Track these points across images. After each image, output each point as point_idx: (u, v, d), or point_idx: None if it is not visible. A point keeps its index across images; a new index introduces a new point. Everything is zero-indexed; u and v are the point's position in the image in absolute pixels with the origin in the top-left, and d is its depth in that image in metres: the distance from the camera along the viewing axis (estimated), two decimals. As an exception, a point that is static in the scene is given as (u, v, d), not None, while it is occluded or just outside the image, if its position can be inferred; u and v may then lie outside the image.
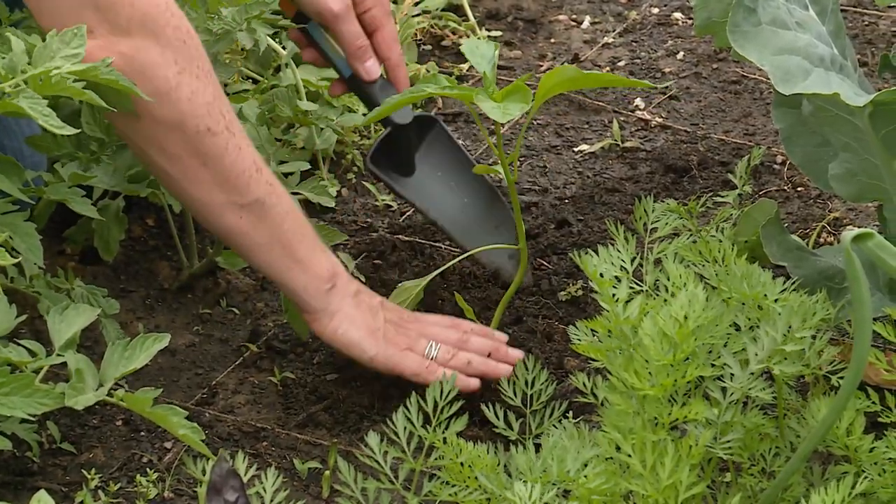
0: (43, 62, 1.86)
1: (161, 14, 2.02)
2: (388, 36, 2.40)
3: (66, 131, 1.84)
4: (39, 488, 2.03)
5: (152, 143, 2.08)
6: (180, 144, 2.07)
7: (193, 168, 2.09)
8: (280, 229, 2.16)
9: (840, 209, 2.72)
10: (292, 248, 2.17)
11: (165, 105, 2.03)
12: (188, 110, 2.05)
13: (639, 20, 3.48)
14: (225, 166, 2.09)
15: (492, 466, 1.79)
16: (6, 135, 2.40)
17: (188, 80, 2.04)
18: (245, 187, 2.12)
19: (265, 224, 2.14)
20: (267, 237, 2.15)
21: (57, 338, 1.99)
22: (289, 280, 2.19)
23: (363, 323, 2.21)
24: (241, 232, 2.15)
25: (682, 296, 1.73)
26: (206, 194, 2.11)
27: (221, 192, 2.11)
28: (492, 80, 2.11)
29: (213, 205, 2.12)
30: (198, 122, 2.06)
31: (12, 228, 2.06)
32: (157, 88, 2.01)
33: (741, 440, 1.80)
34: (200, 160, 2.08)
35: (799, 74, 1.94)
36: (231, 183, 2.11)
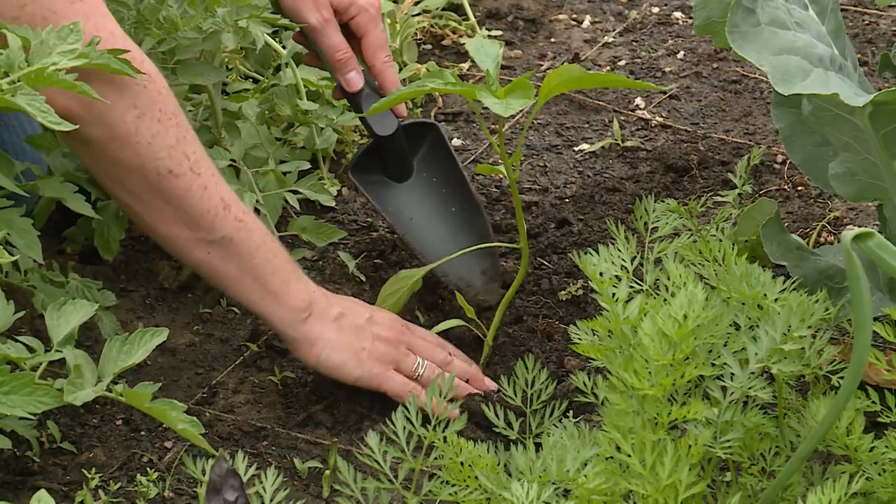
0: (40, 58, 1.86)
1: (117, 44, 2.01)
2: (373, 43, 2.40)
3: (64, 127, 1.84)
4: (40, 488, 2.03)
5: (116, 182, 2.10)
6: (142, 184, 2.08)
7: (157, 206, 2.10)
8: (250, 263, 2.16)
9: (840, 208, 2.72)
10: (264, 280, 2.17)
11: (125, 149, 2.04)
12: (147, 153, 2.05)
13: (639, 20, 3.48)
14: (189, 206, 2.10)
15: (492, 466, 1.79)
16: (6, 131, 2.40)
17: (148, 125, 2.04)
18: (210, 225, 2.12)
19: (234, 259, 2.15)
20: (236, 271, 2.16)
21: (55, 334, 1.99)
22: (262, 311, 2.20)
23: (346, 346, 2.21)
24: (210, 266, 2.16)
25: (682, 295, 1.73)
26: (172, 231, 2.12)
27: (187, 228, 2.12)
28: (495, 77, 2.11)
29: (179, 240, 2.13)
30: (158, 164, 2.06)
31: (9, 224, 2.06)
32: (115, 133, 2.02)
33: (741, 440, 1.80)
34: (163, 200, 2.09)
35: (798, 74, 1.94)
36: (195, 221, 2.11)
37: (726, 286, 1.81)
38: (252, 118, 2.61)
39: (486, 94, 2.07)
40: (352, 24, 2.40)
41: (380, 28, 2.41)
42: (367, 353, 2.22)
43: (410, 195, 2.51)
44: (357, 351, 2.21)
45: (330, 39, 2.38)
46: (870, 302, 1.63)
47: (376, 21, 2.40)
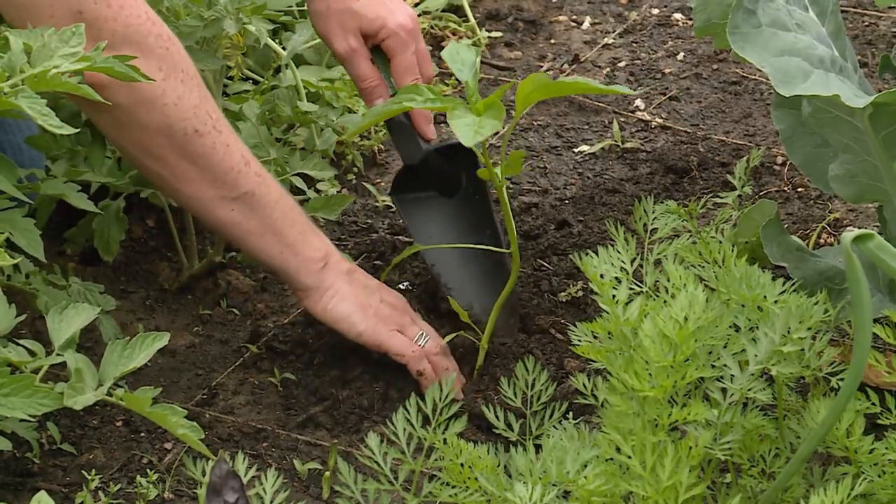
0: (42, 61, 1.87)
1: (142, 24, 2.06)
2: (400, 66, 2.39)
3: (65, 131, 1.84)
4: (40, 489, 2.03)
5: (141, 148, 2.13)
6: (169, 147, 2.12)
7: (183, 168, 2.14)
8: (271, 217, 2.21)
9: (840, 210, 2.72)
10: (283, 233, 2.22)
11: (153, 111, 2.08)
12: (175, 115, 2.09)
13: (639, 21, 3.48)
14: (214, 164, 2.14)
15: (492, 467, 1.78)
16: (5, 131, 2.40)
17: (173, 86, 2.09)
18: (234, 182, 2.16)
19: (256, 213, 2.19)
20: (258, 225, 2.20)
21: (56, 337, 1.99)
22: (281, 263, 2.24)
23: (354, 298, 2.25)
24: (233, 223, 2.19)
25: (682, 297, 1.73)
26: (197, 191, 2.16)
27: (212, 187, 2.16)
28: (474, 88, 2.09)
29: (204, 200, 2.17)
30: (185, 125, 2.10)
31: (11, 224, 2.07)
32: (144, 97, 2.06)
33: (741, 441, 1.80)
34: (189, 160, 2.13)
35: (799, 76, 1.94)
36: (220, 179, 2.16)
37: (726, 288, 1.81)
38: (252, 119, 2.61)
39: (459, 114, 2.03)
40: (383, 46, 2.39)
41: (410, 51, 2.39)
42: (374, 311, 2.26)
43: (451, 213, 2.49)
44: (364, 306, 2.25)
45: (357, 69, 2.39)
46: (870, 303, 1.64)
47: (406, 44, 2.39)
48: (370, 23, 2.36)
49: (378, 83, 2.40)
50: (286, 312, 2.49)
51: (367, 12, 2.35)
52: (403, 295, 2.40)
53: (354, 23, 2.36)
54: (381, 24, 2.36)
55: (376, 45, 2.39)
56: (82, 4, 2.01)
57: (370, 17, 2.36)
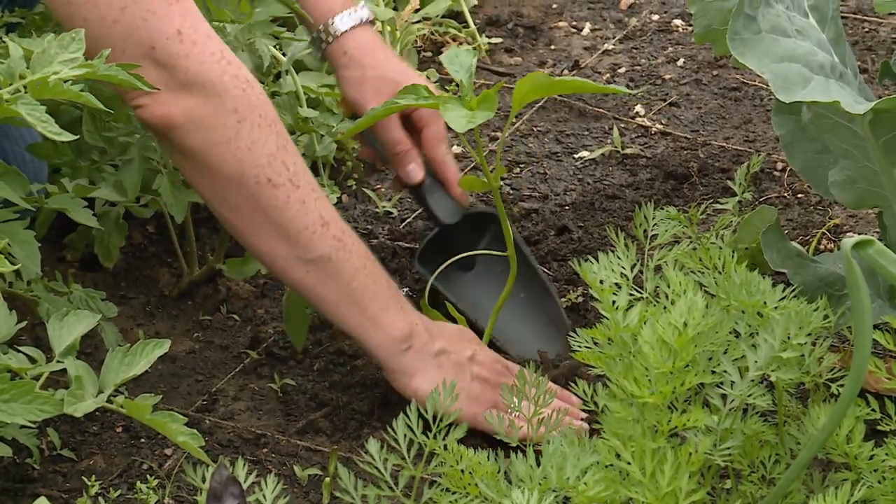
0: (41, 67, 1.86)
1: (217, 63, 2.01)
2: (434, 135, 2.39)
3: (65, 138, 1.84)
4: (40, 495, 2.03)
5: (216, 196, 2.08)
6: (240, 196, 2.06)
7: (256, 221, 2.07)
8: (349, 287, 2.13)
9: (840, 216, 2.72)
10: (363, 305, 2.14)
11: (225, 155, 2.02)
12: (247, 160, 2.03)
13: (639, 27, 3.48)
14: (286, 219, 2.07)
15: (492, 473, 1.79)
16: (7, 140, 2.40)
17: (248, 129, 2.03)
18: (308, 242, 2.09)
19: (333, 280, 2.12)
20: (335, 294, 2.13)
21: (57, 344, 1.99)
22: (361, 337, 2.17)
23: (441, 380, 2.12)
24: (308, 287, 2.12)
25: (682, 303, 1.73)
26: (269, 247, 2.10)
27: (285, 245, 2.09)
28: (469, 88, 2.10)
29: (277, 257, 2.10)
30: (257, 171, 2.04)
31: (11, 236, 2.07)
32: (216, 139, 2.01)
33: (741, 447, 1.80)
34: (261, 212, 2.06)
35: (799, 82, 1.94)
36: (293, 238, 2.09)
37: (726, 294, 1.81)
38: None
39: (451, 107, 2.04)
40: (415, 116, 2.39)
41: (441, 121, 2.37)
42: (466, 393, 2.16)
43: (478, 284, 2.48)
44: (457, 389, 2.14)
45: (393, 133, 2.37)
46: (870, 309, 1.64)
47: (439, 115, 2.37)
48: None
49: (410, 148, 2.39)
50: (286, 318, 2.50)
51: (402, 81, 2.29)
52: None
53: (390, 90, 2.33)
54: None
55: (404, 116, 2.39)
56: (154, 40, 1.97)
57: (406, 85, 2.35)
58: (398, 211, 2.80)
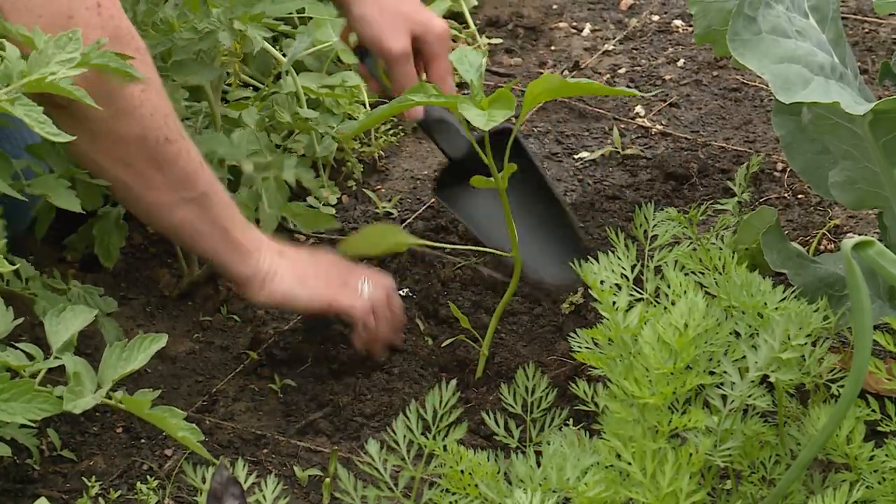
0: (39, 68, 1.87)
1: (124, 36, 2.09)
2: (442, 69, 2.45)
3: (62, 139, 1.85)
4: (40, 496, 2.03)
5: (114, 158, 2.16)
6: (141, 155, 2.15)
7: (150, 174, 2.17)
8: (220, 216, 2.25)
9: (840, 216, 2.72)
10: (228, 230, 2.26)
11: (130, 121, 2.12)
12: (150, 124, 2.13)
13: (639, 27, 3.48)
14: (177, 169, 2.19)
15: (492, 474, 1.79)
16: (8, 142, 2.40)
17: (150, 97, 2.12)
18: (193, 183, 2.21)
19: (208, 213, 2.24)
20: (209, 225, 2.24)
21: (54, 340, 1.99)
22: (224, 259, 2.28)
23: (291, 274, 2.29)
24: (188, 223, 2.23)
25: (682, 304, 1.73)
26: (158, 196, 2.20)
27: (174, 191, 2.20)
28: (479, 87, 2.11)
29: (164, 204, 2.21)
30: (157, 133, 2.14)
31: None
32: (123, 108, 2.09)
33: (741, 448, 1.80)
34: (157, 167, 2.17)
35: (799, 83, 1.94)
36: (182, 182, 2.20)
37: (726, 294, 1.81)
38: (252, 125, 2.61)
39: (469, 106, 2.08)
40: (425, 49, 2.45)
41: (447, 57, 2.44)
42: (313, 276, 2.32)
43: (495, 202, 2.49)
44: (302, 276, 2.30)
45: (407, 69, 2.43)
46: (870, 310, 1.64)
47: (447, 48, 2.45)
48: (420, 25, 2.43)
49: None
50: (286, 319, 2.49)
51: (417, 16, 2.43)
52: (403, 301, 2.40)
53: (406, 25, 2.42)
54: (428, 28, 2.43)
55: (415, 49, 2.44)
56: (73, 10, 2.03)
57: (420, 20, 2.43)
58: (398, 211, 2.80)
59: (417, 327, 2.46)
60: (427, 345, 2.43)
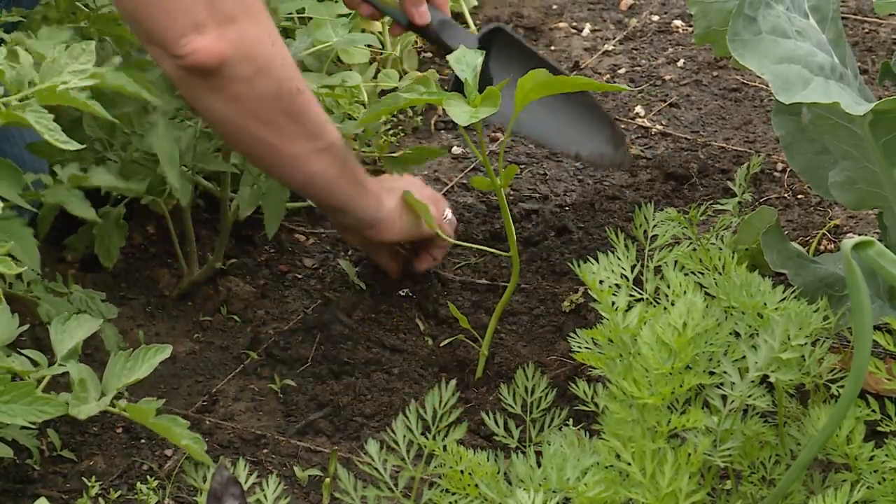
0: (51, 76, 1.88)
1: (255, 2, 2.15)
2: None
3: (71, 146, 1.86)
4: (40, 496, 2.04)
5: (254, 116, 2.20)
6: (278, 108, 2.21)
7: (287, 128, 2.24)
8: (346, 162, 2.33)
9: (840, 217, 2.72)
10: (356, 174, 2.35)
11: (266, 76, 2.17)
12: (283, 75, 2.20)
13: (639, 28, 3.48)
14: (311, 118, 2.26)
15: (492, 474, 1.79)
16: (7, 140, 2.40)
17: (279, 50, 2.19)
18: (324, 133, 2.29)
19: (338, 160, 2.31)
20: (339, 171, 2.32)
21: (59, 348, 1.99)
22: (359, 205, 2.38)
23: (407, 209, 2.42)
24: (325, 173, 2.30)
25: (682, 304, 1.73)
26: (297, 147, 2.26)
27: (309, 141, 2.27)
28: (474, 86, 2.13)
29: (302, 155, 2.27)
30: (290, 84, 2.21)
31: (10, 234, 2.07)
32: (260, 65, 2.16)
33: (741, 448, 1.80)
34: (293, 119, 2.24)
35: (799, 83, 1.94)
36: (315, 132, 2.27)
37: (726, 295, 1.81)
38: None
39: (455, 102, 2.11)
40: None
41: None
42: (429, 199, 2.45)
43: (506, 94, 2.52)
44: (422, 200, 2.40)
45: None
46: (870, 310, 1.64)
47: None
48: None
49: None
50: (286, 319, 2.49)
51: None
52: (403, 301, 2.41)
53: None
54: None
55: None
56: None
57: None
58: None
59: (417, 327, 2.46)
60: (427, 345, 2.43)
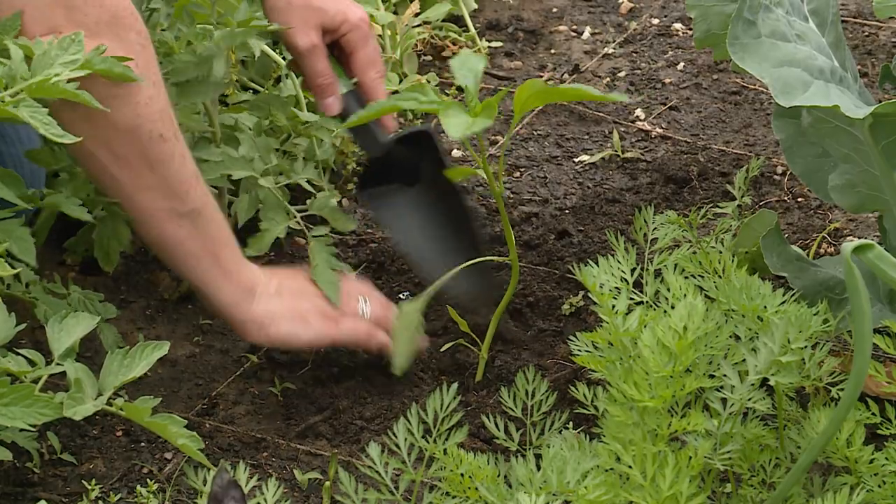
0: (42, 69, 1.87)
1: (127, 17, 2.04)
2: (364, 59, 2.39)
3: (67, 140, 1.85)
4: (40, 499, 2.03)
5: (105, 146, 2.09)
6: (133, 148, 2.09)
7: (141, 173, 2.11)
8: (212, 239, 2.19)
9: (840, 220, 2.72)
10: (220, 257, 2.20)
11: (125, 107, 2.05)
12: (145, 114, 2.07)
13: (639, 31, 3.48)
14: (171, 173, 2.12)
15: (492, 477, 1.79)
16: (5, 143, 2.40)
17: (146, 85, 2.06)
18: (185, 195, 2.14)
19: (200, 234, 2.17)
20: (200, 247, 2.18)
21: (56, 347, 1.99)
22: (214, 290, 2.21)
23: (290, 313, 2.24)
24: (178, 241, 2.17)
25: (682, 307, 1.73)
26: (149, 200, 2.14)
27: (164, 198, 2.13)
28: (474, 93, 2.10)
29: (155, 211, 2.14)
30: (152, 126, 2.08)
31: (7, 234, 2.07)
32: (119, 91, 2.03)
33: (741, 451, 1.80)
34: (149, 165, 2.10)
35: (799, 86, 1.94)
36: (174, 190, 2.13)
37: (726, 298, 1.81)
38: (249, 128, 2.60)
39: (452, 112, 2.04)
40: (342, 42, 2.39)
41: (371, 44, 2.39)
42: (313, 313, 2.26)
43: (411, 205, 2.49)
44: (302, 314, 2.25)
45: (317, 64, 2.37)
46: (870, 313, 1.64)
47: (367, 38, 2.39)
48: (332, 18, 2.34)
49: (333, 80, 2.39)
50: (286, 322, 2.49)
51: (328, 7, 2.34)
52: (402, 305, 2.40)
53: (316, 18, 2.34)
54: (343, 19, 2.35)
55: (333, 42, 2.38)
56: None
57: (332, 13, 2.34)
58: (398, 215, 2.80)
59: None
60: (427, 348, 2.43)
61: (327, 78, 2.38)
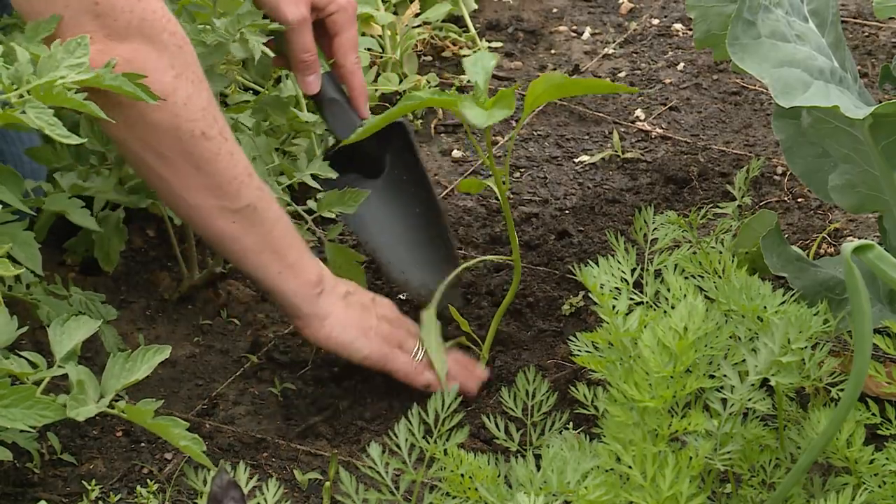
0: (48, 72, 1.87)
1: (158, 20, 2.04)
2: (346, 42, 2.40)
3: (72, 140, 1.85)
4: (40, 499, 2.03)
5: (148, 147, 2.10)
6: (175, 148, 2.09)
7: (187, 172, 2.11)
8: (271, 234, 2.18)
9: (840, 220, 2.72)
10: (283, 252, 2.19)
11: (162, 108, 2.04)
12: (184, 114, 2.07)
13: (639, 31, 3.48)
14: (218, 171, 2.12)
15: (492, 478, 1.79)
16: (5, 141, 2.40)
17: (184, 85, 2.06)
18: (236, 192, 2.14)
19: (256, 229, 2.16)
20: (258, 242, 2.17)
21: (58, 349, 1.99)
22: (279, 285, 2.20)
23: (355, 323, 2.23)
24: (232, 237, 2.16)
25: (682, 307, 1.73)
26: (199, 198, 2.13)
27: (213, 196, 2.13)
28: (484, 89, 2.11)
29: (205, 209, 2.14)
30: (192, 125, 2.07)
31: (11, 238, 2.07)
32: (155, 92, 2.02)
33: (741, 451, 1.80)
34: (194, 164, 2.10)
35: (798, 87, 1.94)
36: (223, 188, 2.13)
37: (726, 298, 1.81)
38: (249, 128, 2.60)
39: (470, 105, 2.07)
40: (328, 21, 2.38)
41: (354, 28, 2.40)
42: (375, 332, 2.24)
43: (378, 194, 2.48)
44: (365, 329, 2.24)
45: (303, 38, 2.36)
46: (870, 314, 1.64)
47: (352, 21, 2.39)
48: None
49: (315, 58, 2.39)
50: (286, 323, 2.49)
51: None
52: (403, 305, 2.41)
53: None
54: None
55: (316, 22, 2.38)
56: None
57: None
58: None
59: (417, 331, 2.46)
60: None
61: (312, 55, 2.38)
